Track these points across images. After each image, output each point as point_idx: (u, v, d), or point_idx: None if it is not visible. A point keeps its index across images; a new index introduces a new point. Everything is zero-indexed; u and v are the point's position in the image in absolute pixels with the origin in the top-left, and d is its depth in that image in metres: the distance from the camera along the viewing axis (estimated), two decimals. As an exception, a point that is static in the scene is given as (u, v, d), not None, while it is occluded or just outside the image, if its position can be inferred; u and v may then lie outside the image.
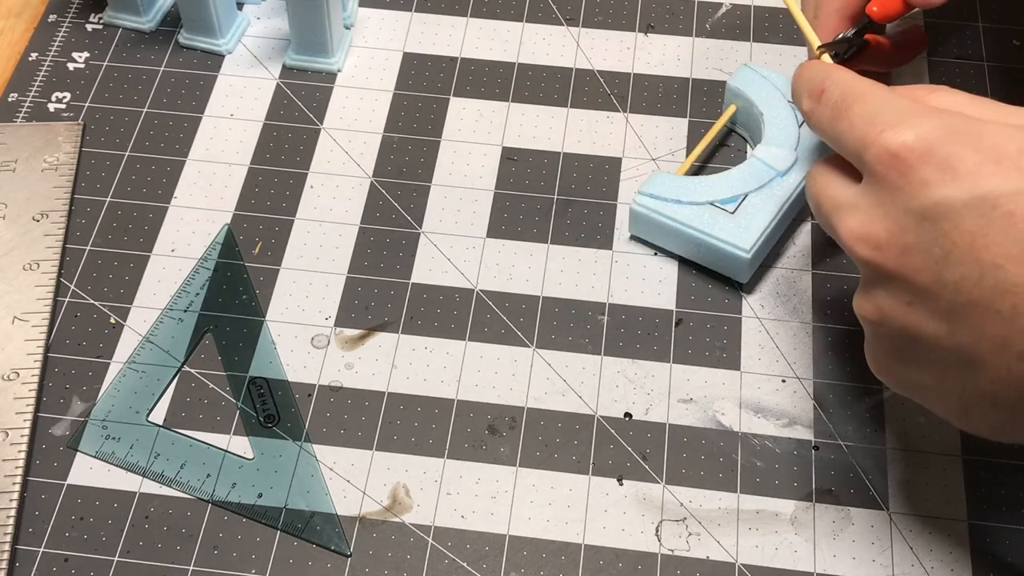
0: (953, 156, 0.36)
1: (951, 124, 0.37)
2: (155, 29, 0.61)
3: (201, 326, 0.51)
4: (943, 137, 0.37)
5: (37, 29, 0.61)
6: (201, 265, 0.52)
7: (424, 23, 0.61)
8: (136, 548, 0.45)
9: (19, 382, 0.49)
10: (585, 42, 0.61)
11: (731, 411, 0.48)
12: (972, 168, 0.36)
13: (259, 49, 0.60)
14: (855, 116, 0.40)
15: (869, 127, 0.39)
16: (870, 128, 0.39)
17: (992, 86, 0.58)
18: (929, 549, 0.45)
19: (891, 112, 0.39)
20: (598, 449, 0.47)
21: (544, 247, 0.53)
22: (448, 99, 0.58)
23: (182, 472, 0.47)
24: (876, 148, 0.38)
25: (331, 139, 0.57)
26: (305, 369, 0.50)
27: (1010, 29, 0.61)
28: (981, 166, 0.36)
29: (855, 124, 0.40)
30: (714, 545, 0.45)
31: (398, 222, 0.54)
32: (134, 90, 0.59)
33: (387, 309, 0.51)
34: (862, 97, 0.40)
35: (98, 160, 0.56)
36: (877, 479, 0.46)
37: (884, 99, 0.39)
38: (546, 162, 0.56)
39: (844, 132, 0.40)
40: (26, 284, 0.51)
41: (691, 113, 0.58)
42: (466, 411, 0.48)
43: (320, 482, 0.47)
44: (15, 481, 0.46)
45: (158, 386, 0.49)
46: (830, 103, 0.41)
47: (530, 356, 0.50)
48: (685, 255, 0.52)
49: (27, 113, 0.58)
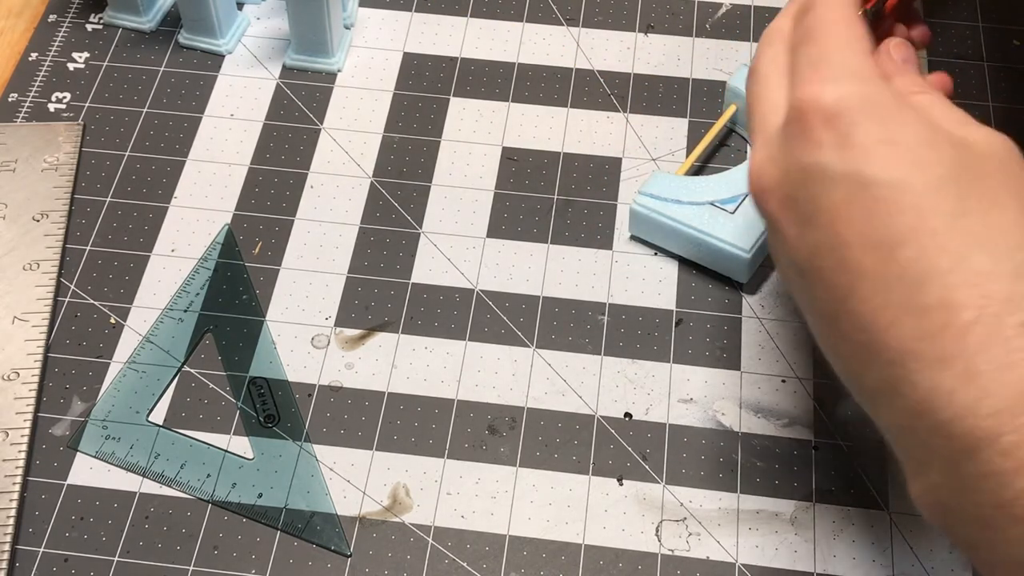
0: (855, 127, 0.36)
1: (876, 97, 0.37)
2: (155, 29, 0.61)
3: (201, 326, 0.51)
4: (857, 107, 0.36)
5: (37, 29, 0.61)
6: (201, 265, 0.52)
7: (424, 23, 0.61)
8: (136, 548, 0.45)
9: (19, 382, 0.49)
10: (585, 42, 0.61)
11: (731, 411, 0.48)
12: (865, 144, 0.35)
13: (259, 49, 0.60)
14: (808, 52, 0.39)
15: (809, 70, 0.38)
16: (808, 71, 0.38)
17: (992, 86, 0.58)
18: (929, 549, 0.45)
19: (834, 64, 0.38)
20: (598, 449, 0.47)
21: (544, 247, 0.53)
22: (448, 99, 0.58)
23: (182, 472, 0.47)
24: (799, 94, 0.38)
25: (331, 139, 0.57)
26: (305, 369, 0.50)
27: (1010, 29, 0.61)
28: (875, 145, 0.35)
29: (802, 61, 0.39)
30: (714, 545, 0.45)
31: (398, 222, 0.54)
32: (134, 90, 0.59)
33: (387, 309, 0.51)
34: (823, 37, 0.39)
35: (98, 160, 0.56)
36: (877, 479, 0.46)
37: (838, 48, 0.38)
38: (546, 162, 0.56)
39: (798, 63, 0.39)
40: (26, 284, 0.51)
41: (691, 113, 0.58)
42: (466, 411, 0.48)
43: (320, 482, 0.47)
44: (15, 481, 0.46)
45: (158, 386, 0.49)
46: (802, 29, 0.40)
47: (530, 356, 0.50)
48: (685, 255, 0.52)
49: (27, 113, 0.58)
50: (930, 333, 0.33)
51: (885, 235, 0.35)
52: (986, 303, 0.32)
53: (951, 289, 0.33)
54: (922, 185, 0.34)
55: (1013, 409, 0.31)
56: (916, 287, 0.34)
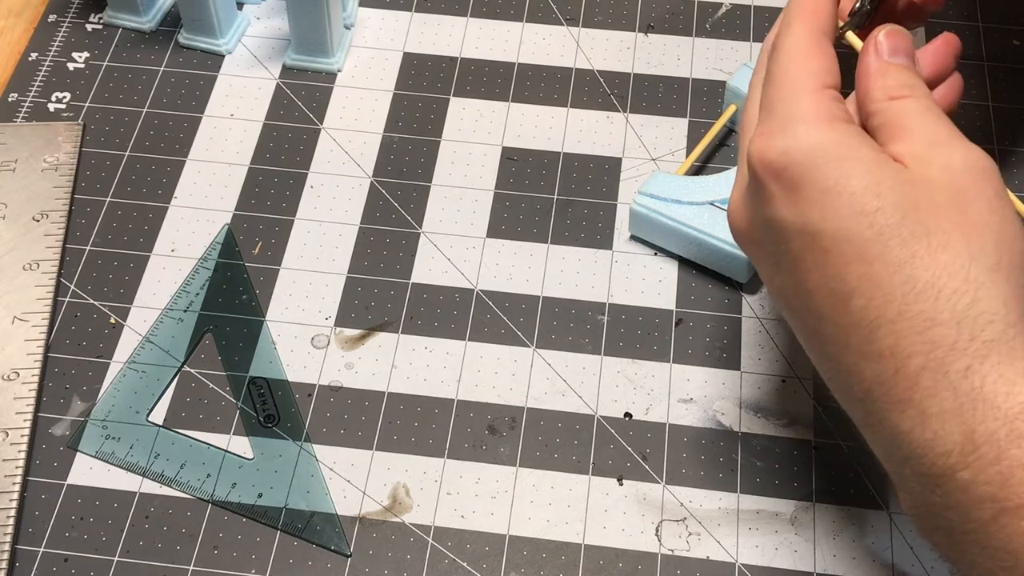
0: (801, 180, 0.36)
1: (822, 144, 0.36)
2: (155, 29, 0.61)
3: (201, 326, 0.51)
4: (801, 159, 0.36)
5: (37, 29, 0.61)
6: (201, 265, 0.52)
7: (424, 23, 0.61)
8: (136, 548, 0.45)
9: (19, 382, 0.49)
10: (585, 42, 0.61)
11: (731, 411, 0.48)
12: (810, 197, 0.36)
13: (259, 49, 0.60)
14: (767, 94, 0.39)
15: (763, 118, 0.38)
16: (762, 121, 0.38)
17: (992, 86, 0.58)
18: (929, 549, 0.45)
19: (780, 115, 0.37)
20: (598, 449, 0.47)
21: (544, 247, 0.53)
22: (448, 99, 0.58)
23: (182, 472, 0.47)
24: (751, 147, 0.38)
25: (331, 139, 0.57)
26: (305, 369, 0.50)
27: (1010, 29, 0.61)
28: (819, 196, 0.36)
29: (763, 103, 0.39)
30: (714, 545, 0.45)
31: (398, 222, 0.54)
32: (134, 90, 0.59)
33: (387, 309, 0.51)
34: (778, 77, 0.38)
35: (98, 160, 0.56)
36: (877, 479, 0.46)
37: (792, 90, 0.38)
38: (546, 162, 0.56)
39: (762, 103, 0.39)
40: (26, 284, 0.51)
41: (691, 113, 0.58)
42: (466, 411, 0.48)
43: (320, 482, 0.47)
44: (15, 481, 0.46)
45: (158, 386, 0.49)
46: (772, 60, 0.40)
47: (530, 356, 0.50)
48: (685, 255, 0.52)
49: (27, 113, 0.58)
50: (884, 379, 0.34)
51: (837, 285, 0.35)
52: (931, 349, 0.34)
53: (899, 336, 0.34)
54: (866, 235, 0.35)
55: (963, 448, 0.33)
56: (869, 334, 0.35)
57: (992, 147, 0.56)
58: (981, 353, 0.33)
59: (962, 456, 0.33)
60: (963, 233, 0.34)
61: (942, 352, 0.33)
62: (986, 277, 0.34)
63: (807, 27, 0.39)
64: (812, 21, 0.39)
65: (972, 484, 0.33)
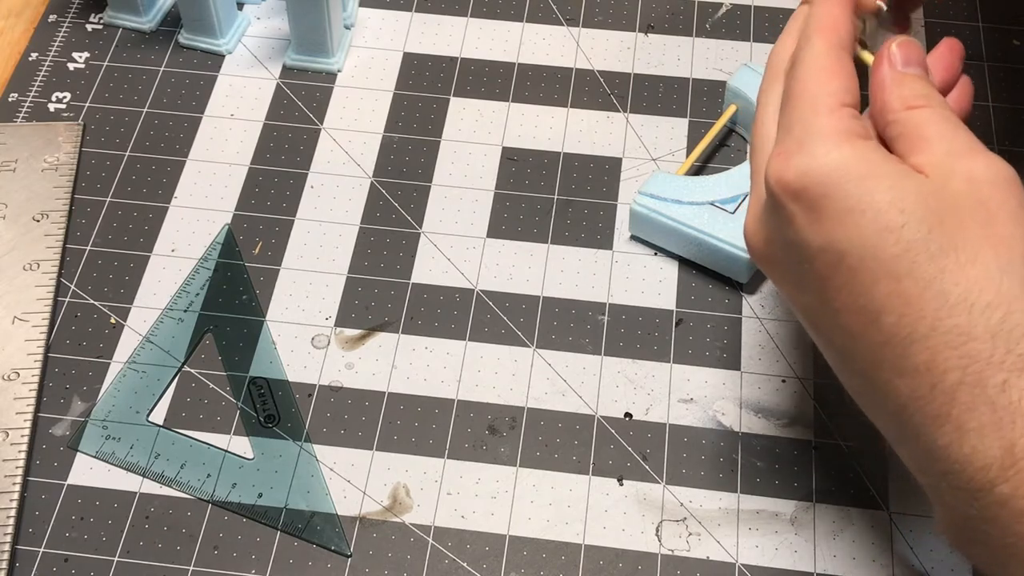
0: (823, 200, 0.36)
1: (843, 162, 0.36)
2: (155, 29, 0.61)
3: (201, 326, 0.51)
4: (822, 179, 0.36)
5: (37, 29, 0.61)
6: (201, 265, 0.52)
7: (424, 23, 0.61)
8: (136, 548, 0.45)
9: (19, 382, 0.49)
10: (585, 42, 0.61)
11: (731, 411, 0.48)
12: (833, 216, 0.35)
13: (259, 49, 0.60)
14: (786, 114, 0.38)
15: (781, 138, 0.38)
16: (780, 141, 0.38)
17: (992, 86, 0.58)
18: (929, 549, 0.45)
19: (798, 136, 0.37)
20: (598, 449, 0.47)
21: (544, 247, 0.53)
22: (448, 99, 0.58)
23: (182, 472, 0.47)
24: (769, 169, 0.37)
25: (331, 139, 0.57)
26: (305, 369, 0.50)
27: (1010, 29, 0.61)
28: (844, 215, 0.35)
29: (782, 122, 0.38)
30: (714, 545, 0.45)
31: (398, 222, 0.54)
32: (134, 90, 0.59)
33: (387, 309, 0.51)
34: (798, 96, 0.38)
35: (98, 160, 0.56)
36: (877, 479, 0.46)
37: (812, 109, 0.37)
38: (546, 162, 0.56)
39: (780, 123, 0.39)
40: (26, 284, 0.51)
41: (691, 113, 0.58)
42: (466, 411, 0.48)
43: (320, 482, 0.47)
44: (15, 481, 0.46)
45: (158, 386, 0.49)
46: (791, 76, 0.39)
47: (530, 356, 0.50)
48: (685, 255, 0.52)
49: (27, 113, 0.58)
50: (920, 395, 0.34)
51: (866, 303, 0.35)
52: (968, 363, 0.33)
53: (934, 352, 0.34)
54: (893, 251, 0.34)
55: (1003, 462, 0.33)
56: (902, 351, 0.35)
57: (992, 147, 0.56)
58: (1018, 366, 0.33)
59: (1001, 470, 0.33)
60: (991, 246, 0.34)
61: (979, 367, 0.33)
62: (1019, 290, 0.34)
63: (826, 43, 0.39)
64: (831, 37, 0.39)
65: (1012, 498, 0.33)
